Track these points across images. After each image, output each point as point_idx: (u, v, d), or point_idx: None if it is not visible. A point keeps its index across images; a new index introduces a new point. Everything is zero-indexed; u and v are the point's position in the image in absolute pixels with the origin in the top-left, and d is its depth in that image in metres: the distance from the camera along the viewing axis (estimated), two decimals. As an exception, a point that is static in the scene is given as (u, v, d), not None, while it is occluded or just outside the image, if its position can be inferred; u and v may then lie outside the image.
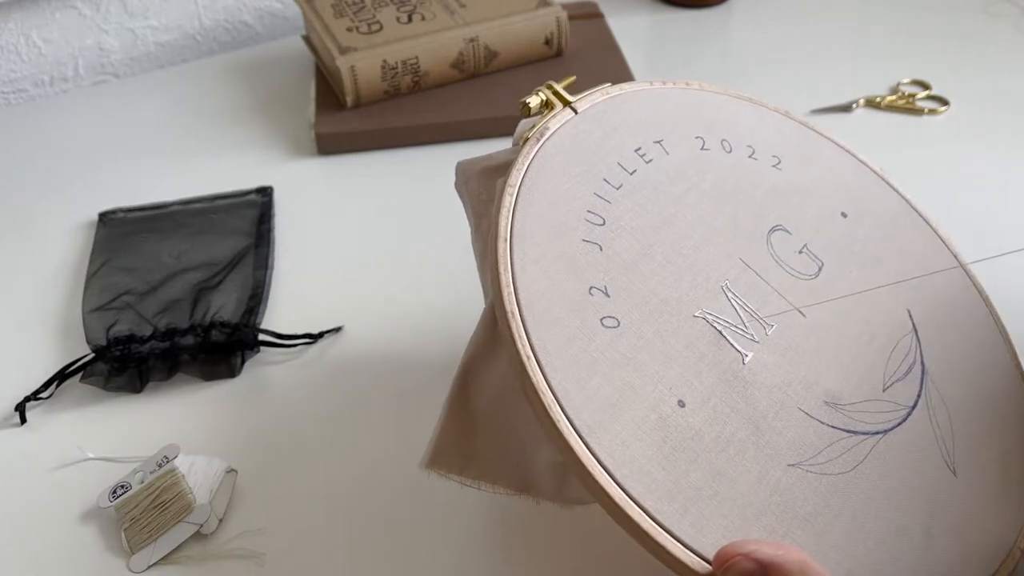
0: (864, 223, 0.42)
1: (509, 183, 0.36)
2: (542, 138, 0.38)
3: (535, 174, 0.37)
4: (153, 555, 0.40)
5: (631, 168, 0.39)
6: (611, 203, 0.37)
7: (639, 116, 0.41)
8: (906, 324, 0.39)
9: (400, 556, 0.41)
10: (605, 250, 0.36)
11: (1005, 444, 0.37)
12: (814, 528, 0.31)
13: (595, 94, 0.41)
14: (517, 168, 0.37)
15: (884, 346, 0.38)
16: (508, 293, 0.33)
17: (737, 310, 0.36)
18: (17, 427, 0.47)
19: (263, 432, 0.46)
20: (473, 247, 0.41)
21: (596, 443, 0.31)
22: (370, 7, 0.70)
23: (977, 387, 0.38)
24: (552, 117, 0.39)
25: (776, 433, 0.33)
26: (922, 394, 0.37)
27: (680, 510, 0.30)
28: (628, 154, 0.39)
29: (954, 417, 0.37)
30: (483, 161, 0.40)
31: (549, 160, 0.38)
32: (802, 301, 0.38)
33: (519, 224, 0.35)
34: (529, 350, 0.32)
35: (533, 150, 0.38)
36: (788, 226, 0.40)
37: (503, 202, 0.35)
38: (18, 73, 0.75)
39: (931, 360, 0.38)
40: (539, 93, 0.40)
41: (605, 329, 0.33)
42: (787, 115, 0.45)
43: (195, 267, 0.55)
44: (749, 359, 0.35)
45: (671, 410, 0.32)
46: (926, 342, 0.39)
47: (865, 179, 0.44)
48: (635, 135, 0.40)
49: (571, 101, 0.40)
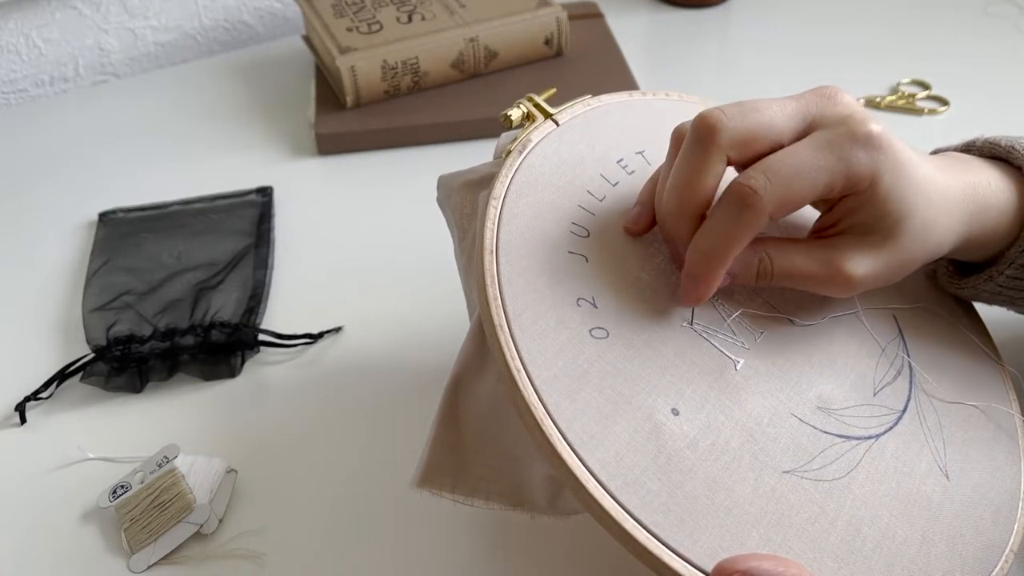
0: None
1: (493, 195, 0.36)
2: (524, 150, 0.38)
3: (519, 187, 0.37)
4: (153, 555, 0.40)
5: (614, 180, 0.39)
6: (595, 215, 0.37)
7: (620, 127, 0.41)
8: (892, 328, 0.39)
9: (400, 556, 0.41)
10: (591, 261, 0.35)
11: (993, 445, 0.37)
12: (810, 536, 0.31)
13: (576, 106, 0.41)
14: (500, 181, 0.37)
15: (872, 350, 0.37)
16: (496, 307, 0.33)
17: (725, 318, 0.36)
18: (17, 427, 0.47)
19: (263, 432, 0.46)
20: (457, 261, 0.40)
21: (589, 456, 0.30)
22: (370, 7, 0.70)
23: (964, 389, 0.38)
24: (534, 129, 0.39)
25: (770, 440, 0.33)
26: (912, 397, 0.37)
27: (676, 521, 0.30)
28: (610, 166, 0.39)
29: (943, 420, 0.36)
30: (465, 175, 0.40)
31: (532, 172, 0.38)
32: (791, 307, 0.37)
33: (504, 237, 0.35)
34: (519, 363, 0.31)
35: (516, 162, 0.38)
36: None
37: (488, 215, 0.35)
38: (18, 73, 0.75)
39: (918, 364, 0.38)
40: (520, 106, 0.40)
41: (594, 340, 0.33)
42: None
43: (195, 267, 0.55)
44: (741, 366, 0.34)
45: (665, 418, 0.32)
46: (913, 346, 0.38)
47: None
48: (617, 146, 0.40)
49: (552, 113, 0.40)
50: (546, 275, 0.34)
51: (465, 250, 0.39)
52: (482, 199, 0.37)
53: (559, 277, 0.34)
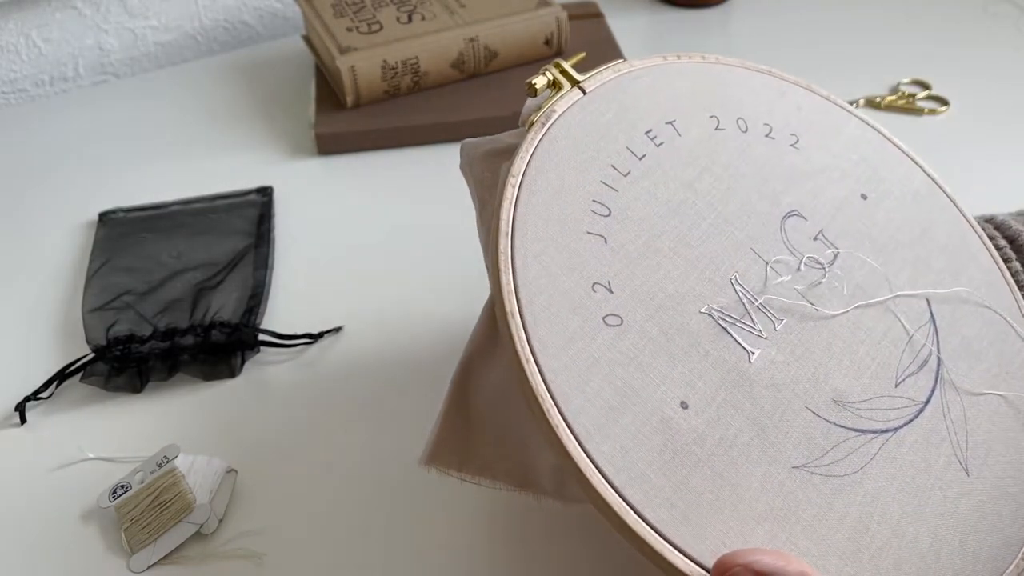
0: (884, 205, 0.40)
1: (511, 173, 0.35)
2: (547, 122, 0.37)
3: (539, 162, 0.35)
4: (153, 555, 0.40)
5: (640, 153, 0.37)
6: (618, 191, 0.36)
7: (651, 95, 0.39)
8: (924, 314, 0.37)
9: (400, 556, 0.41)
10: (610, 242, 0.34)
11: (1020, 438, 0.35)
12: (817, 533, 0.31)
13: (605, 72, 0.39)
14: (520, 156, 0.35)
15: (899, 337, 0.36)
16: (508, 292, 0.32)
17: (746, 305, 0.35)
18: (17, 427, 0.47)
19: (263, 432, 0.46)
20: (478, 231, 0.39)
21: (595, 449, 0.30)
22: (370, 7, 0.70)
23: (995, 379, 0.36)
24: (559, 99, 0.38)
25: (781, 434, 0.32)
26: (936, 388, 0.35)
27: (680, 517, 0.29)
28: (638, 137, 0.38)
29: (969, 412, 0.35)
30: (488, 144, 0.38)
31: (554, 146, 0.36)
32: (814, 292, 0.36)
33: (521, 217, 0.34)
34: (528, 352, 0.31)
35: (538, 136, 0.36)
36: (804, 211, 0.38)
37: (505, 194, 0.34)
38: (18, 73, 0.75)
39: (948, 352, 0.36)
40: (546, 72, 0.38)
41: (607, 327, 0.32)
42: (809, 88, 0.43)
43: (195, 267, 0.55)
44: (756, 357, 0.33)
45: (673, 412, 0.31)
46: (944, 332, 0.37)
47: (889, 156, 0.42)
48: (646, 116, 0.38)
49: (579, 80, 0.38)
50: (562, 258, 0.33)
51: (485, 222, 0.37)
52: (502, 174, 0.35)
53: (575, 261, 0.33)
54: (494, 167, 0.38)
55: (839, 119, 0.43)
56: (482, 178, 0.38)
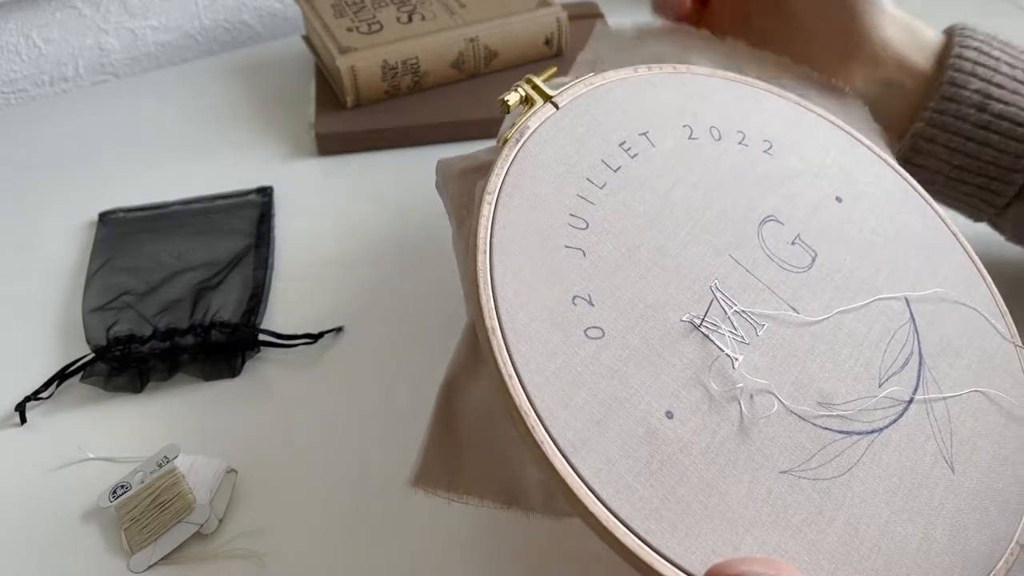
0: (858, 206, 0.40)
1: (487, 190, 0.35)
2: (521, 138, 0.37)
3: (515, 178, 0.36)
4: (153, 555, 0.40)
5: (615, 165, 0.38)
6: (595, 204, 0.36)
7: (624, 107, 0.40)
8: (903, 313, 0.37)
9: (400, 556, 0.41)
10: (588, 255, 0.35)
11: (1004, 433, 0.36)
12: (807, 538, 0.31)
13: (577, 86, 0.40)
14: (496, 173, 0.35)
15: (880, 338, 0.36)
16: (488, 309, 0.32)
17: (727, 311, 0.35)
18: (17, 427, 0.47)
19: (263, 432, 0.46)
20: (455, 249, 0.39)
21: (581, 463, 0.30)
22: (370, 7, 0.70)
23: (976, 376, 0.37)
24: (532, 114, 0.38)
25: (767, 439, 0.32)
26: (919, 387, 0.36)
27: (668, 527, 0.29)
28: (612, 149, 0.38)
29: (952, 409, 0.35)
30: (463, 161, 0.39)
31: (529, 162, 0.36)
32: (795, 296, 0.36)
33: (499, 234, 0.34)
34: (511, 368, 0.31)
35: (512, 152, 0.36)
36: (780, 216, 0.39)
37: (482, 211, 0.34)
38: (18, 73, 0.75)
39: (929, 350, 0.37)
40: (518, 89, 0.39)
41: (589, 340, 0.32)
42: (780, 94, 0.44)
43: (195, 267, 0.55)
44: (739, 363, 0.34)
45: (659, 422, 0.31)
46: (924, 331, 0.37)
47: (860, 158, 0.43)
48: (619, 128, 0.39)
49: (551, 96, 0.39)
50: (541, 273, 0.34)
51: (463, 239, 0.38)
52: (478, 192, 0.35)
53: (555, 275, 0.34)
54: (469, 185, 0.38)
55: (811, 123, 0.43)
56: (459, 196, 0.38)
